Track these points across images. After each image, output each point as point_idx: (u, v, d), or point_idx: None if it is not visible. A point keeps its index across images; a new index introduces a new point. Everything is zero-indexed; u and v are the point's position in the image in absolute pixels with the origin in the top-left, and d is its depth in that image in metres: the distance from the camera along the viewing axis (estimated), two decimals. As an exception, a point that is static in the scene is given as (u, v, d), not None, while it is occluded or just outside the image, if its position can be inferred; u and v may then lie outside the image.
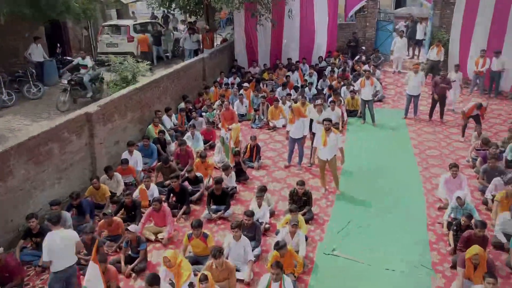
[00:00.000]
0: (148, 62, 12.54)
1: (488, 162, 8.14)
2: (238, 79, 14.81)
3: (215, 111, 12.32)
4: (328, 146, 8.00)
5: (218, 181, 7.61)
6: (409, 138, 11.07)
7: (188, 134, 10.41)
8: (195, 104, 12.71)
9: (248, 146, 9.75)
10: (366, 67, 15.68)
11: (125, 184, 8.61)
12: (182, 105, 11.98)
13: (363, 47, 16.96)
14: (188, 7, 15.22)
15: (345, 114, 12.17)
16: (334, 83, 14.63)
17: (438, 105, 11.99)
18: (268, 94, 13.65)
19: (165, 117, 10.88)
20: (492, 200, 7.44)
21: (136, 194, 7.99)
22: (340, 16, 17.94)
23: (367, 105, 11.87)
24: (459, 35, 14.83)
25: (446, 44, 15.05)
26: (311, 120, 9.69)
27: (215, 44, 17.21)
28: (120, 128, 9.42)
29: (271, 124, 12.04)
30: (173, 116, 11.19)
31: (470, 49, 14.55)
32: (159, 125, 10.30)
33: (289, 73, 15.43)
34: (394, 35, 16.68)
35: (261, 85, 14.37)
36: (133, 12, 25.01)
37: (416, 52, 17.74)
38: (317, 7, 16.19)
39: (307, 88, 14.15)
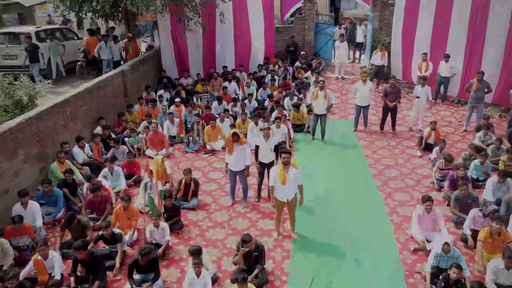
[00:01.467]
0: (50, 80, 10.18)
1: (460, 189, 7.10)
2: (168, 94, 12.87)
3: (140, 135, 10.34)
4: (288, 185, 6.48)
5: (146, 253, 5.70)
6: (364, 156, 9.93)
7: (106, 170, 8.38)
8: (115, 128, 10.62)
9: (183, 182, 7.96)
10: (308, 74, 14.53)
11: (18, 248, 6.46)
12: (98, 130, 9.85)
13: (303, 52, 15.78)
14: (103, 11, 12.99)
15: (291, 131, 10.79)
16: (275, 93, 13.25)
17: (389, 115, 11.06)
18: (203, 109, 11.93)
19: (75, 150, 8.72)
20: (472, 237, 6.39)
21: (28, 268, 5.90)
22: (275, 18, 16.65)
23: (319, 120, 10.58)
24: (400, 37, 14.14)
25: (387, 47, 14.30)
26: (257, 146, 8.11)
27: (141, 52, 15.09)
28: (9, 173, 7.19)
29: (208, 147, 10.32)
30: (87, 147, 9.04)
31: (414, 52, 13.90)
32: (67, 161, 8.16)
33: (226, 84, 13.81)
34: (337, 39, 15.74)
35: (194, 99, 12.57)
36: (49, 15, 21.87)
37: (357, 56, 16.92)
38: (251, 9, 14.69)
39: (246, 100, 12.62)
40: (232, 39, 14.74)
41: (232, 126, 10.44)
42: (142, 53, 15.80)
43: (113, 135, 10.04)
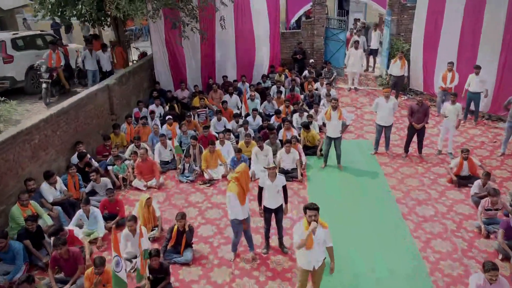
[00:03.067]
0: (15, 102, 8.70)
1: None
2: (162, 108, 11.36)
3: (126, 162, 8.84)
4: (316, 248, 4.95)
5: None
6: (389, 187, 8.43)
7: (80, 212, 6.88)
8: (98, 154, 9.13)
9: (175, 229, 6.44)
10: (318, 85, 13.03)
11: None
12: (75, 159, 8.36)
13: (312, 60, 14.29)
14: (88, 15, 11.51)
15: (303, 156, 9.30)
16: (281, 107, 11.76)
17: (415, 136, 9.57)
18: (199, 130, 10.45)
19: (44, 186, 7.18)
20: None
21: None
22: (280, 22, 15.16)
23: (333, 144, 9.09)
24: (421, 44, 12.65)
25: (407, 55, 12.81)
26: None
27: (130, 61, 13.62)
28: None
29: (206, 176, 8.83)
30: (60, 181, 7.51)
31: (437, 61, 12.40)
32: (31, 202, 6.66)
33: (226, 97, 12.32)
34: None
35: (191, 116, 11.05)
36: (24, 19, 20.40)
37: (371, 64, 15.40)
38: (255, 13, 13.21)
39: (250, 117, 11.12)
40: (233, 46, 13.26)
41: (239, 151, 8.95)
42: (135, 61, 14.34)
43: (95, 163, 8.57)
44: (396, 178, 8.80)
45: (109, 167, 8.57)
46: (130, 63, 13.32)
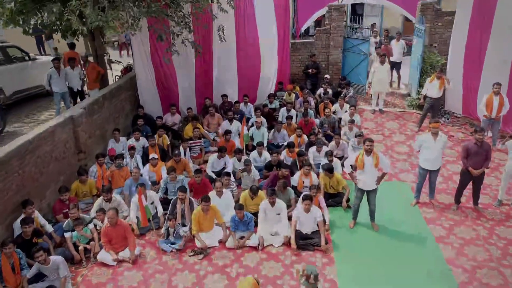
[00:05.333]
0: None
1: None
2: (143, 141, 9.12)
3: (90, 225, 6.60)
4: None
5: None
6: (445, 262, 6.20)
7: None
8: (56, 212, 6.91)
9: None
10: (336, 106, 10.79)
11: None
12: (18, 226, 6.11)
13: (327, 76, 12.05)
14: (57, 25, 9.31)
15: (326, 213, 7.07)
16: (292, 137, 9.54)
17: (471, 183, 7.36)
18: (190, 173, 8.26)
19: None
20: None
21: None
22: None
23: (367, 197, 6.88)
24: (461, 59, 10.42)
25: (442, 71, 10.57)
26: None
27: (113, 79, 11.41)
28: None
29: (198, 243, 6.59)
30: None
31: (481, 82, 10.17)
32: None
33: (225, 124, 10.11)
34: (373, 58, 11.99)
35: (181, 151, 8.82)
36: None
37: (395, 79, 13.14)
38: (261, 20, 10.98)
39: (255, 152, 8.90)
40: (234, 60, 11.02)
41: (241, 208, 6.70)
42: (118, 77, 12.13)
43: (49, 228, 6.36)
44: (452, 245, 6.55)
45: (67, 234, 6.33)
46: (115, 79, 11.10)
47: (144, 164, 8.47)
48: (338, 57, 12.16)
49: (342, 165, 8.61)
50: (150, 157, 8.12)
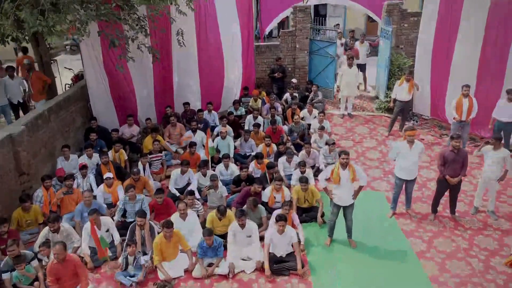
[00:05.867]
0: None
1: None
2: (96, 158, 8.25)
3: (32, 264, 5.73)
4: None
5: None
6: (428, 278, 5.83)
7: None
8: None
9: None
10: (304, 112, 10.34)
11: None
12: None
13: (294, 80, 11.57)
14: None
15: (301, 232, 6.55)
16: (261, 146, 8.99)
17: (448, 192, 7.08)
18: (151, 192, 7.53)
19: None
20: None
21: None
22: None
23: (343, 212, 6.42)
24: (429, 60, 10.24)
25: (411, 73, 10.33)
26: None
27: (62, 87, 10.41)
28: None
29: (161, 275, 5.88)
30: None
31: (449, 83, 10.02)
32: None
33: (189, 134, 9.42)
34: (342, 60, 11.61)
35: (140, 167, 8.03)
36: None
37: (361, 81, 12.84)
38: (222, 23, 10.33)
39: (221, 165, 8.25)
40: (196, 65, 10.32)
41: (210, 233, 6.03)
42: (68, 86, 11.14)
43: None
44: (434, 260, 6.21)
45: (5, 275, 5.45)
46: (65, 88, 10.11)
47: (98, 184, 7.63)
48: (305, 60, 11.72)
49: (315, 175, 8.16)
50: (105, 176, 7.30)
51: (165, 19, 8.88)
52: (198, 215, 6.96)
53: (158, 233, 6.35)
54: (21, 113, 9.12)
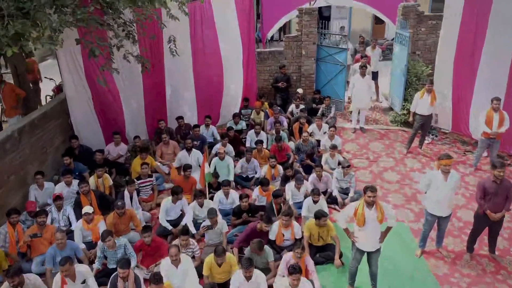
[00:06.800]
0: None
1: None
2: (76, 187, 7.11)
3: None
4: None
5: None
6: None
7: None
8: None
9: None
10: (313, 127, 9.25)
11: None
12: None
13: (299, 90, 10.48)
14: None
15: (315, 277, 5.43)
16: (265, 168, 7.91)
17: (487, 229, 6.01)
18: (138, 228, 6.44)
19: None
20: None
21: None
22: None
23: (367, 258, 5.34)
24: (451, 69, 9.18)
25: (433, 83, 9.26)
26: None
27: (43, 100, 9.29)
28: None
29: None
30: None
31: (474, 95, 8.96)
32: None
33: (183, 154, 8.31)
34: (354, 69, 10.51)
35: (126, 195, 6.90)
36: None
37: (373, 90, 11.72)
38: (221, 28, 9.24)
39: (220, 192, 7.13)
40: (191, 75, 9.23)
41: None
42: (50, 97, 10.02)
43: None
44: (477, 316, 5.14)
45: None
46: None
47: (78, 217, 6.52)
48: (311, 68, 10.63)
49: (327, 202, 7.09)
50: (83, 211, 6.18)
51: (155, 24, 7.78)
52: (193, 256, 5.90)
53: (145, 282, 5.27)
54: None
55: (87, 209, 6.17)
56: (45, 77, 10.77)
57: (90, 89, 8.09)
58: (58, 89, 9.95)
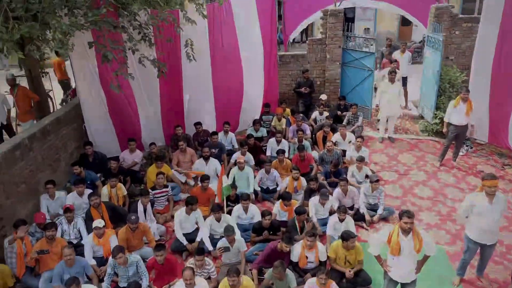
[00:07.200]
0: None
1: None
2: (85, 202, 6.74)
3: None
4: None
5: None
6: None
7: None
8: None
9: None
10: (336, 136, 8.70)
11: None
12: None
13: (323, 97, 9.94)
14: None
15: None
16: (287, 180, 7.41)
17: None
18: (152, 243, 6.04)
19: None
20: None
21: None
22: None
23: (401, 291, 4.82)
24: (489, 76, 8.49)
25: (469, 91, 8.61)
26: None
27: (53, 106, 9.05)
28: None
29: None
30: None
31: (516, 101, 8.27)
32: None
33: (200, 163, 7.89)
34: (379, 74, 9.92)
35: (139, 208, 6.52)
36: None
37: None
38: (242, 30, 8.81)
39: (239, 207, 6.68)
40: (209, 81, 8.81)
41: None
42: (63, 103, 9.78)
43: None
44: None
45: None
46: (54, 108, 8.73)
47: (90, 230, 6.16)
48: (336, 72, 10.07)
49: (354, 218, 6.55)
50: (94, 225, 5.82)
51: (172, 27, 7.38)
52: (209, 277, 5.47)
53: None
54: (5, 136, 7.78)
55: (97, 223, 5.81)
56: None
57: (105, 93, 7.77)
58: (74, 92, 9.70)
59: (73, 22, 5.47)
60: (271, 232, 6.36)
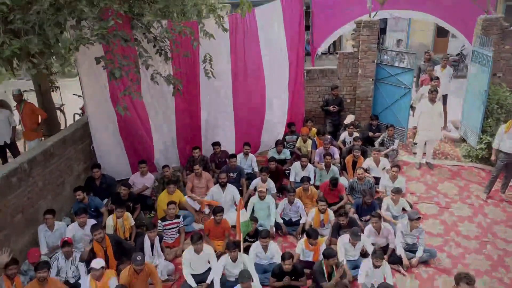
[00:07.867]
0: None
1: None
2: (87, 234, 6.07)
3: None
4: None
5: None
6: None
7: None
8: None
9: None
10: (370, 162, 7.79)
11: None
12: None
13: (348, 118, 9.02)
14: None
15: None
16: (313, 212, 6.56)
17: None
18: (157, 286, 5.33)
19: None
20: None
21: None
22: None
23: None
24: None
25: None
26: None
27: (65, 122, 8.52)
28: None
29: None
30: None
31: None
32: None
33: (216, 190, 7.14)
34: (421, 93, 8.95)
35: (145, 243, 5.80)
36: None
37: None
38: (265, 43, 8.04)
39: (258, 245, 5.87)
40: (230, 99, 8.08)
41: None
42: (78, 116, 9.25)
43: None
44: None
45: None
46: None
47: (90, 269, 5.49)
48: (369, 90, 9.16)
49: (389, 262, 5.65)
50: (91, 265, 5.12)
51: (186, 40, 6.69)
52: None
53: None
54: (9, 154, 7.25)
55: (94, 263, 5.10)
56: (73, 94, 10.05)
57: (115, 111, 7.13)
58: (86, 108, 9.17)
59: (78, 35, 4.84)
60: (293, 278, 5.52)
